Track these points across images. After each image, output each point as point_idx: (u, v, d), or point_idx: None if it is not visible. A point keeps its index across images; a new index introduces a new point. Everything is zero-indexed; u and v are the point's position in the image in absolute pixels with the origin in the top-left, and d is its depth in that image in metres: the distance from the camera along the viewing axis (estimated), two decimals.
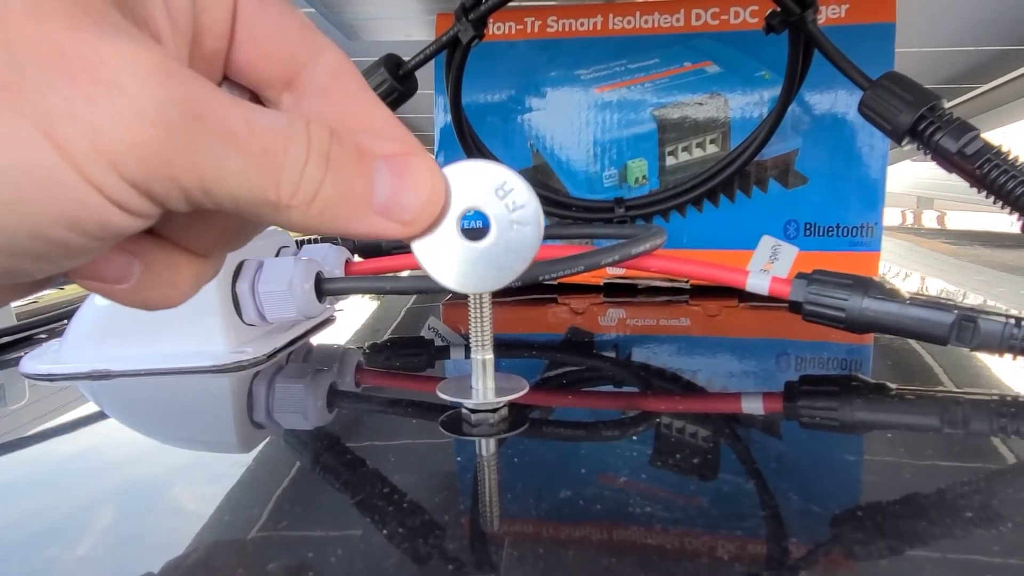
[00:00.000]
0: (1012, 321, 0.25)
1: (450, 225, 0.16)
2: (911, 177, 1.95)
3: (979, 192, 0.30)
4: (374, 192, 0.14)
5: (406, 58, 0.40)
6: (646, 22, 0.48)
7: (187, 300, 0.16)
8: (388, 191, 0.15)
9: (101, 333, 0.32)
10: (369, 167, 0.14)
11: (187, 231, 0.16)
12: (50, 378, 0.31)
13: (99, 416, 0.27)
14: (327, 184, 0.14)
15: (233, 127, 0.12)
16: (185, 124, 0.12)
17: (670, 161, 0.48)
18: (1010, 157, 0.29)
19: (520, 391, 0.24)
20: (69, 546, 0.17)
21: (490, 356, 0.23)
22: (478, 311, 0.23)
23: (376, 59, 0.40)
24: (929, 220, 1.28)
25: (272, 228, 0.19)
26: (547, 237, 0.49)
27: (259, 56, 0.15)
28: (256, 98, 0.16)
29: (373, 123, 0.16)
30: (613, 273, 0.48)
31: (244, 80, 0.16)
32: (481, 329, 0.23)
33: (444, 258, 0.16)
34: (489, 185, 0.17)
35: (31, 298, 0.52)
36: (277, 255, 0.37)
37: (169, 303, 0.16)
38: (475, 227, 0.17)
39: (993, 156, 0.29)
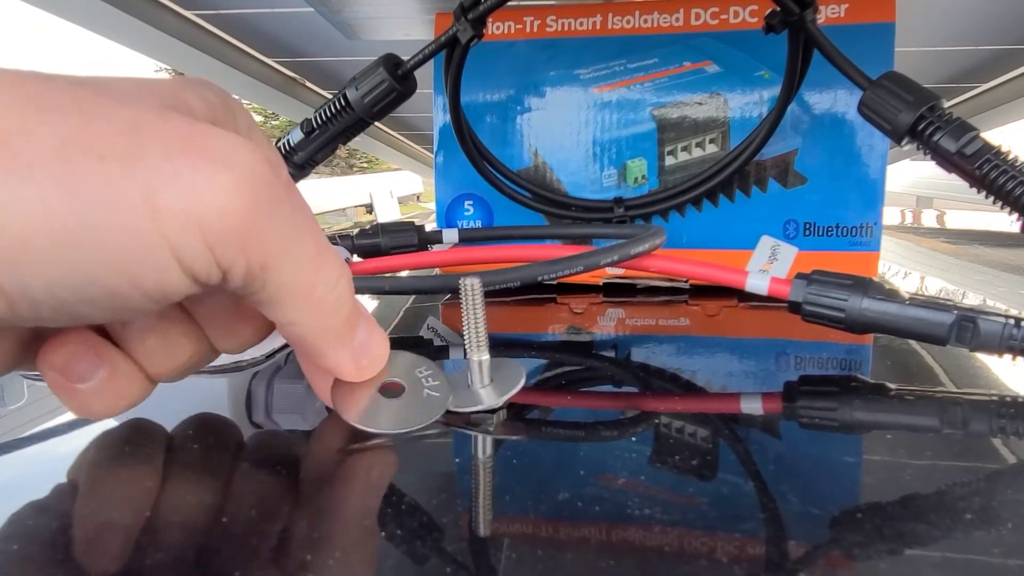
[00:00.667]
0: (1012, 321, 0.25)
1: (373, 384, 0.22)
2: (911, 177, 1.95)
3: (979, 192, 0.30)
4: (357, 337, 0.19)
5: (405, 58, 0.40)
6: (645, 22, 0.47)
7: (114, 415, 0.19)
8: (363, 337, 0.20)
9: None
10: (359, 319, 0.20)
11: (154, 353, 0.18)
12: None
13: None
14: (346, 307, 0.18)
15: (300, 228, 0.15)
16: (269, 205, 0.14)
17: (669, 161, 0.48)
18: (1010, 157, 0.29)
19: (517, 385, 0.24)
20: (66, 546, 0.17)
21: (486, 357, 0.23)
22: (470, 311, 0.23)
23: (375, 59, 0.40)
24: (928, 220, 1.28)
25: None
26: (546, 237, 0.49)
27: None
28: None
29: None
30: (612, 273, 0.48)
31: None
32: (475, 329, 0.23)
33: (357, 404, 0.21)
34: (411, 365, 0.23)
35: None
36: None
37: (108, 413, 0.18)
38: (391, 388, 0.22)
39: (993, 156, 0.29)
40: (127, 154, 0.12)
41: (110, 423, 0.25)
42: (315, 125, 0.41)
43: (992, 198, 0.30)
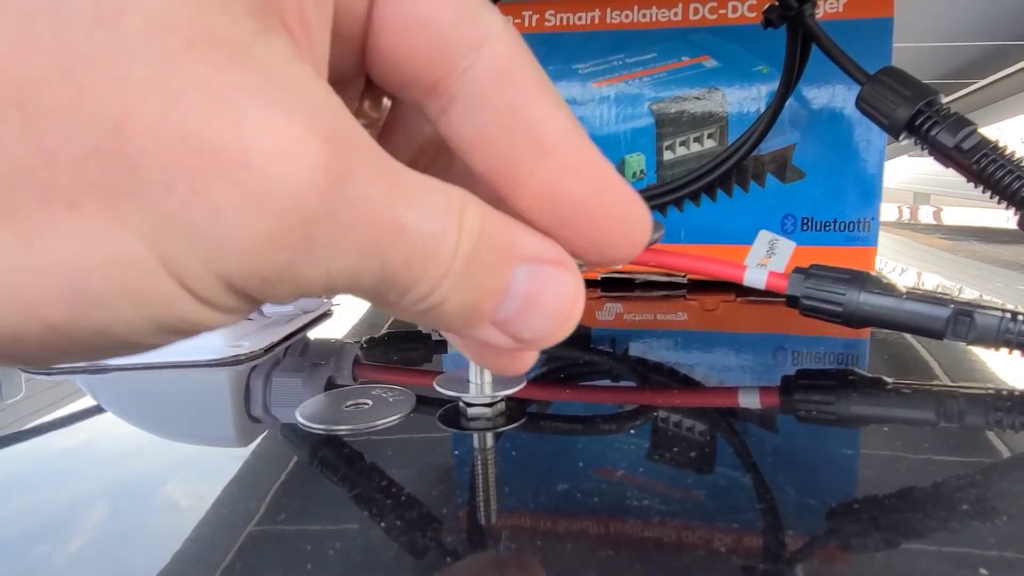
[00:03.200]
0: (1008, 315, 0.25)
1: None
2: (908, 173, 1.95)
3: (976, 187, 0.30)
4: (500, 306, 0.12)
5: None
6: (644, 16, 0.47)
7: None
8: (516, 306, 0.12)
9: None
10: (507, 274, 0.11)
11: None
12: (47, 372, 0.31)
13: (96, 410, 0.27)
14: (454, 297, 0.11)
15: (383, 233, 0.10)
16: (333, 238, 0.09)
17: (668, 155, 0.48)
18: (1007, 152, 0.29)
19: (518, 385, 0.24)
20: (66, 541, 0.17)
21: None
22: None
23: None
24: (926, 216, 1.28)
25: None
26: None
27: (396, 49, 0.12)
28: (394, 102, 0.14)
29: (550, 148, 0.12)
30: (610, 267, 0.48)
31: (379, 78, 0.12)
32: None
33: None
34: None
35: None
36: None
37: None
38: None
39: (990, 151, 0.29)
40: (107, 177, 0.08)
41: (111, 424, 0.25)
42: None
43: (989, 193, 0.30)
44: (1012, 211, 0.29)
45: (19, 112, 0.08)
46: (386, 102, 0.14)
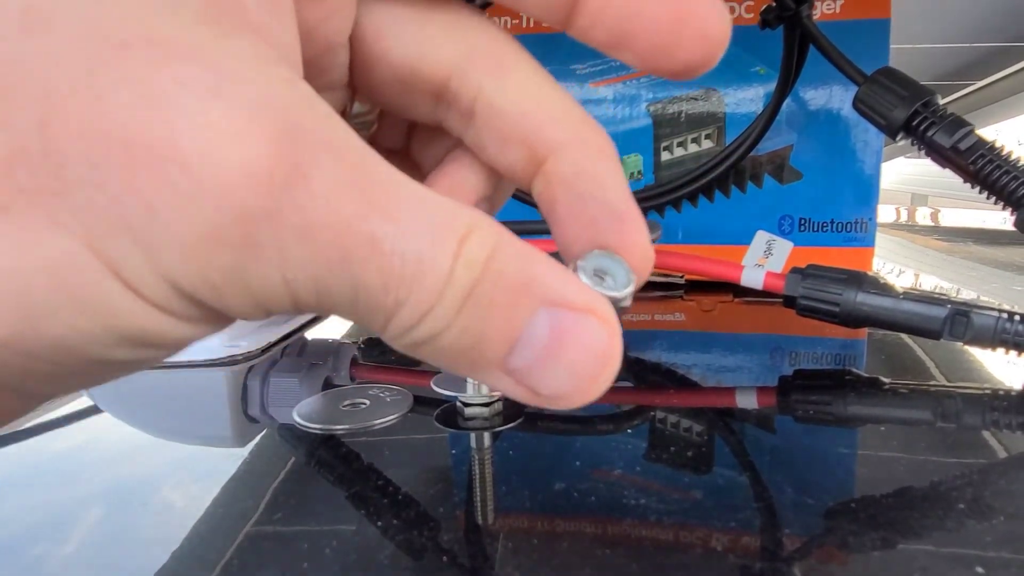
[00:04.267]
0: (1005, 315, 0.25)
1: None
2: (905, 174, 1.95)
3: (972, 188, 0.30)
4: (514, 353, 0.10)
5: None
6: None
7: None
8: (534, 355, 0.10)
9: None
10: (521, 316, 0.10)
11: None
12: None
13: (93, 410, 0.27)
14: (451, 332, 0.10)
15: (351, 246, 0.09)
16: (280, 240, 0.08)
17: (665, 156, 0.48)
18: (1003, 153, 0.29)
19: None
20: (64, 541, 0.17)
21: None
22: None
23: None
24: (923, 217, 1.28)
25: None
26: (542, 232, 0.49)
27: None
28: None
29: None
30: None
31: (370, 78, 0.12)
32: None
33: None
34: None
35: None
36: None
37: None
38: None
39: (987, 152, 0.29)
40: (34, 179, 0.08)
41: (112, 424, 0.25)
42: None
43: (986, 193, 0.30)
44: (1009, 212, 0.29)
45: None
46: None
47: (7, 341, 0.08)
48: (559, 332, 0.10)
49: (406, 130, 0.14)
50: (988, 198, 0.30)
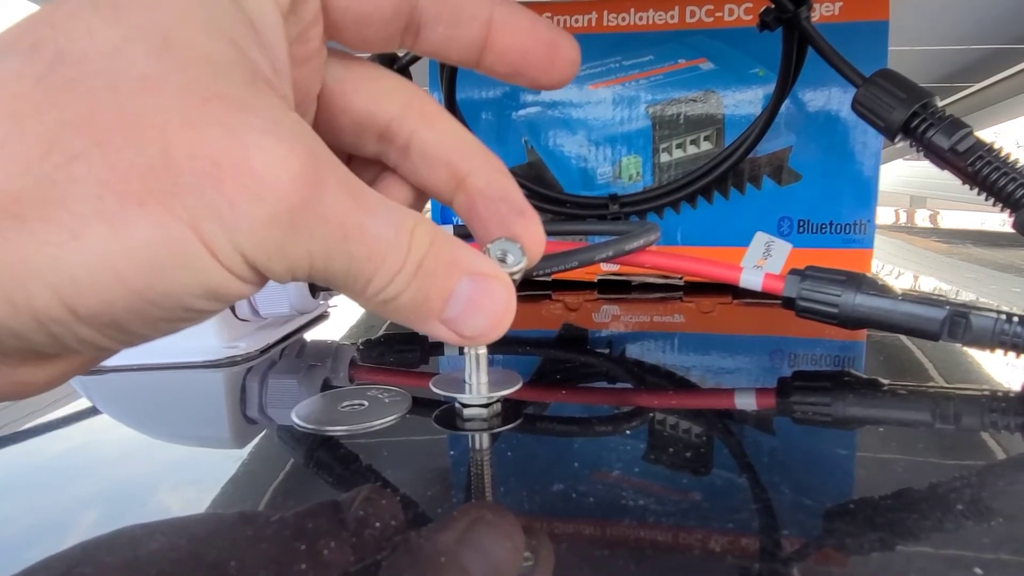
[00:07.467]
0: (1003, 317, 0.25)
1: None
2: (904, 176, 1.95)
3: (971, 189, 0.30)
4: (447, 306, 0.16)
5: (400, 54, 0.40)
6: (640, 19, 0.47)
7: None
8: (460, 308, 0.16)
9: None
10: (452, 282, 0.15)
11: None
12: None
13: (92, 412, 0.27)
14: (408, 292, 0.15)
15: (349, 230, 0.14)
16: (310, 225, 0.13)
17: (664, 158, 0.48)
18: (1002, 154, 0.29)
19: (514, 386, 0.24)
20: (62, 542, 0.17)
21: (483, 351, 0.23)
22: None
23: (370, 55, 0.39)
24: (922, 219, 1.28)
25: None
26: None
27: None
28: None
29: (487, 21, 0.18)
30: (607, 269, 0.48)
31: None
32: None
33: None
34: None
35: None
36: None
37: (32, 392, 0.16)
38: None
39: (985, 153, 0.29)
40: (162, 185, 0.12)
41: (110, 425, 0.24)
42: None
43: (984, 195, 0.30)
44: (1007, 213, 0.29)
45: (99, 148, 0.12)
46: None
47: (140, 290, 0.12)
48: (477, 292, 0.16)
49: (346, 162, 0.19)
50: (987, 200, 0.30)
